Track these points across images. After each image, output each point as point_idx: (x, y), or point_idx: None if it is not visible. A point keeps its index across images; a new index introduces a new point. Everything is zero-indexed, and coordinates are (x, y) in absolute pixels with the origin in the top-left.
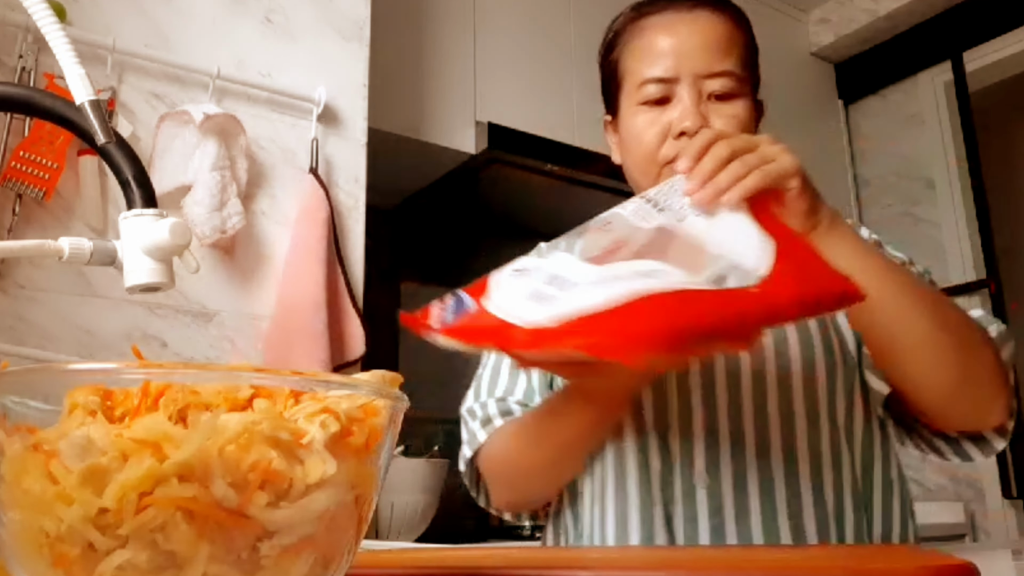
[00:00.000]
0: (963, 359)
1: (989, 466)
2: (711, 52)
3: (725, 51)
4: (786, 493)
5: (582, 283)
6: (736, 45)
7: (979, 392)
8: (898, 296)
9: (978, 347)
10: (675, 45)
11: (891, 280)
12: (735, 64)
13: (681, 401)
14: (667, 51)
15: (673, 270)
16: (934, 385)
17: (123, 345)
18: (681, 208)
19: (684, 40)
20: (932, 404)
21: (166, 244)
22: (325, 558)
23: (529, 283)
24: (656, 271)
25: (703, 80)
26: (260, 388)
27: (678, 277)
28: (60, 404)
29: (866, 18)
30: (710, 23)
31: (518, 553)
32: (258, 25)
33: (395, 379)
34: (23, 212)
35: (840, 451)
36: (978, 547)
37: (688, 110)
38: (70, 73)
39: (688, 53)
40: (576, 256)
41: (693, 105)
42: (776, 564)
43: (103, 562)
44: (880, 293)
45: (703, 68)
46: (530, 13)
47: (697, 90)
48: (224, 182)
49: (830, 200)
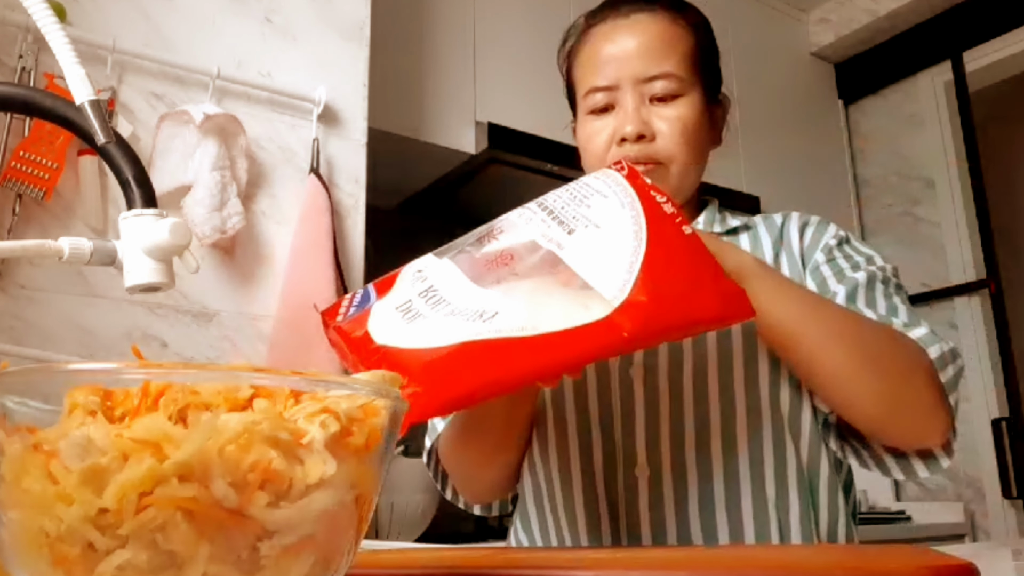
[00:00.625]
0: (889, 388)
1: (989, 466)
2: (649, 56)
3: (663, 53)
4: (724, 485)
5: (448, 304)
6: (676, 46)
7: (911, 418)
8: (815, 332)
9: (908, 374)
10: (615, 52)
11: (809, 316)
12: (675, 65)
13: (623, 392)
14: (608, 59)
15: (516, 310)
16: (860, 414)
17: (123, 345)
18: (575, 219)
19: (623, 47)
20: (864, 428)
21: (166, 244)
22: (325, 558)
23: (413, 289)
24: (499, 311)
25: (643, 84)
26: (260, 388)
27: (516, 320)
28: (60, 404)
29: (866, 18)
30: (647, 27)
31: (518, 553)
32: (258, 25)
33: (395, 379)
34: (23, 212)
35: (784, 442)
36: (978, 547)
37: (628, 116)
38: (70, 73)
39: (626, 59)
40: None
41: (634, 111)
42: (776, 564)
43: (103, 562)
44: (796, 327)
45: (641, 72)
46: (530, 13)
47: (638, 94)
48: (224, 182)
49: (830, 200)
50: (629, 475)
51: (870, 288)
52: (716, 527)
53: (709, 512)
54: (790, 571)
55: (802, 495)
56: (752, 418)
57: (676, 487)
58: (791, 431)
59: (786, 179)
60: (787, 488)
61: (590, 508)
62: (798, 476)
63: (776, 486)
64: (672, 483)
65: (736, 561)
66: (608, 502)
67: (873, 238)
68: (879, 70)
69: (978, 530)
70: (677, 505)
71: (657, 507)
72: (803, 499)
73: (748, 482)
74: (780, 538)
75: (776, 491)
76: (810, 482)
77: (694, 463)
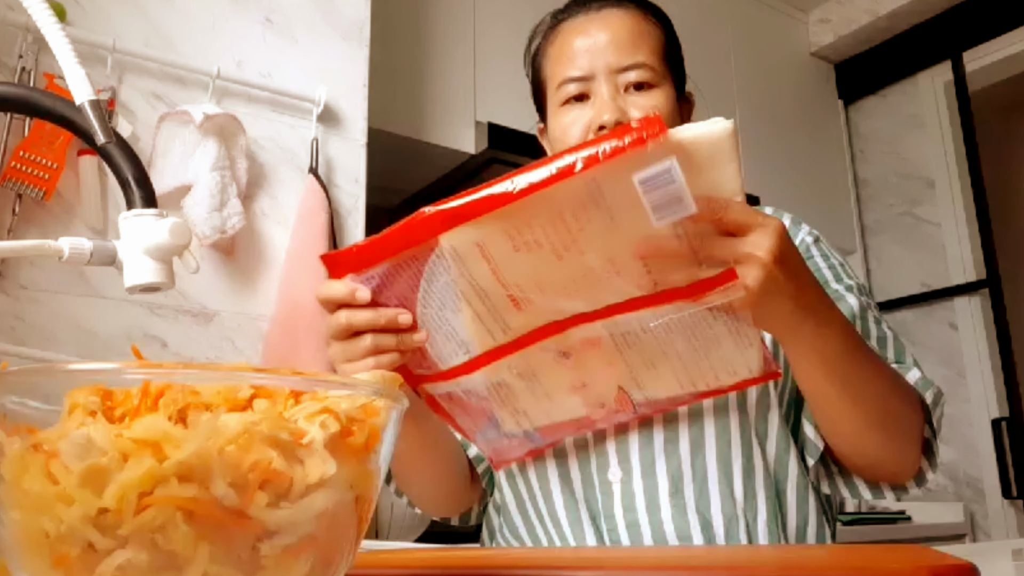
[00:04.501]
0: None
1: (989, 466)
2: (623, 46)
3: (636, 44)
4: (694, 486)
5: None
6: (648, 38)
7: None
8: (840, 393)
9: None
10: (588, 44)
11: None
12: (648, 56)
13: None
14: (581, 51)
15: None
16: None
17: (123, 345)
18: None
19: (595, 38)
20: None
21: (166, 244)
22: (325, 558)
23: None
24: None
25: (618, 74)
26: (260, 388)
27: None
28: (60, 404)
29: (866, 18)
30: (619, 19)
31: (518, 553)
32: (258, 25)
33: (395, 379)
34: (23, 212)
35: (751, 442)
36: (978, 547)
37: (606, 104)
38: (70, 73)
39: (601, 49)
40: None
41: (611, 99)
42: (777, 564)
43: (103, 562)
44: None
45: (616, 62)
46: (530, 13)
47: (613, 84)
48: (224, 182)
49: (830, 200)
50: (603, 479)
51: (863, 318)
52: (689, 528)
53: (681, 513)
54: (790, 571)
55: (769, 496)
56: (719, 418)
57: (647, 489)
58: (757, 433)
59: (786, 179)
60: (755, 489)
61: (572, 514)
62: (765, 477)
63: (744, 487)
64: (643, 485)
65: (736, 561)
66: (588, 507)
67: (873, 238)
68: (879, 70)
69: (978, 530)
70: (649, 507)
71: (631, 510)
72: (770, 500)
73: (716, 483)
74: (748, 540)
75: (744, 492)
76: (777, 484)
77: (663, 465)
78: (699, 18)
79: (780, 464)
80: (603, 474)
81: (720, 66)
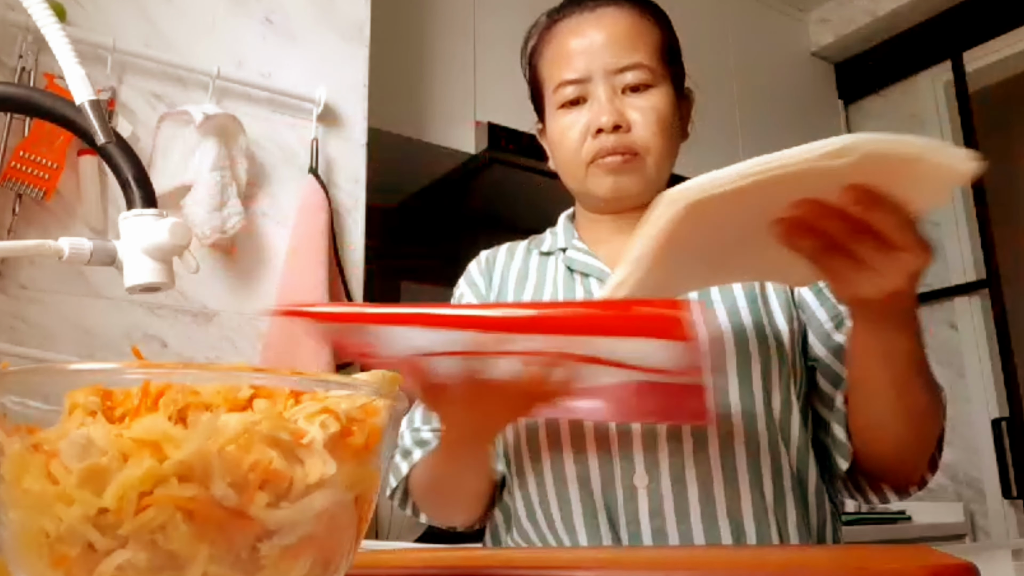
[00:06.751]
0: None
1: (989, 466)
2: (619, 47)
3: (633, 44)
4: (725, 491)
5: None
6: (645, 37)
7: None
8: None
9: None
10: (584, 45)
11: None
12: (645, 56)
13: None
14: (577, 52)
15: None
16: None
17: (123, 345)
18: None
19: (592, 39)
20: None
21: (166, 244)
22: (325, 558)
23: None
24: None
25: (614, 75)
26: (260, 388)
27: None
28: (60, 404)
29: (866, 18)
30: (615, 19)
31: (518, 554)
32: (258, 25)
33: (395, 379)
34: (23, 212)
35: (777, 445)
36: (978, 547)
37: (603, 107)
38: (70, 73)
39: (597, 51)
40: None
41: (607, 101)
42: (777, 564)
43: (103, 562)
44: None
45: (612, 63)
46: (530, 13)
47: (610, 86)
48: (224, 182)
49: None
50: (628, 485)
51: None
52: (719, 533)
53: (711, 518)
54: (790, 571)
55: (796, 497)
56: (747, 420)
57: (676, 495)
58: (783, 435)
59: None
60: (783, 491)
61: (589, 520)
62: (791, 477)
63: (773, 489)
64: (672, 491)
65: (736, 561)
66: (607, 514)
67: None
68: (879, 70)
69: (978, 530)
70: (678, 513)
71: (658, 516)
72: (798, 501)
73: (747, 486)
74: (780, 541)
75: (774, 494)
76: (801, 484)
77: (693, 469)
78: (699, 18)
79: (803, 464)
80: (628, 480)
81: (720, 66)
